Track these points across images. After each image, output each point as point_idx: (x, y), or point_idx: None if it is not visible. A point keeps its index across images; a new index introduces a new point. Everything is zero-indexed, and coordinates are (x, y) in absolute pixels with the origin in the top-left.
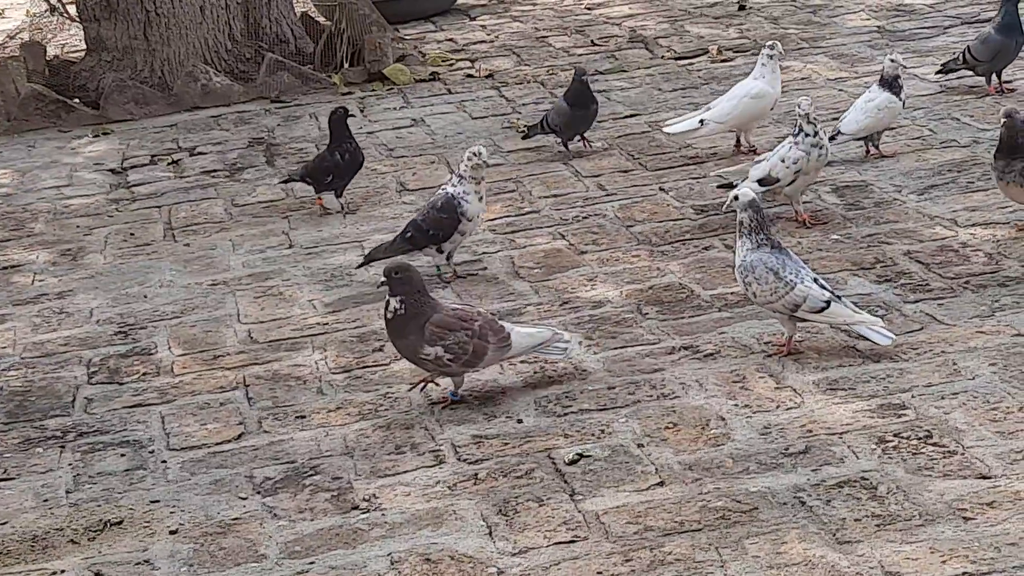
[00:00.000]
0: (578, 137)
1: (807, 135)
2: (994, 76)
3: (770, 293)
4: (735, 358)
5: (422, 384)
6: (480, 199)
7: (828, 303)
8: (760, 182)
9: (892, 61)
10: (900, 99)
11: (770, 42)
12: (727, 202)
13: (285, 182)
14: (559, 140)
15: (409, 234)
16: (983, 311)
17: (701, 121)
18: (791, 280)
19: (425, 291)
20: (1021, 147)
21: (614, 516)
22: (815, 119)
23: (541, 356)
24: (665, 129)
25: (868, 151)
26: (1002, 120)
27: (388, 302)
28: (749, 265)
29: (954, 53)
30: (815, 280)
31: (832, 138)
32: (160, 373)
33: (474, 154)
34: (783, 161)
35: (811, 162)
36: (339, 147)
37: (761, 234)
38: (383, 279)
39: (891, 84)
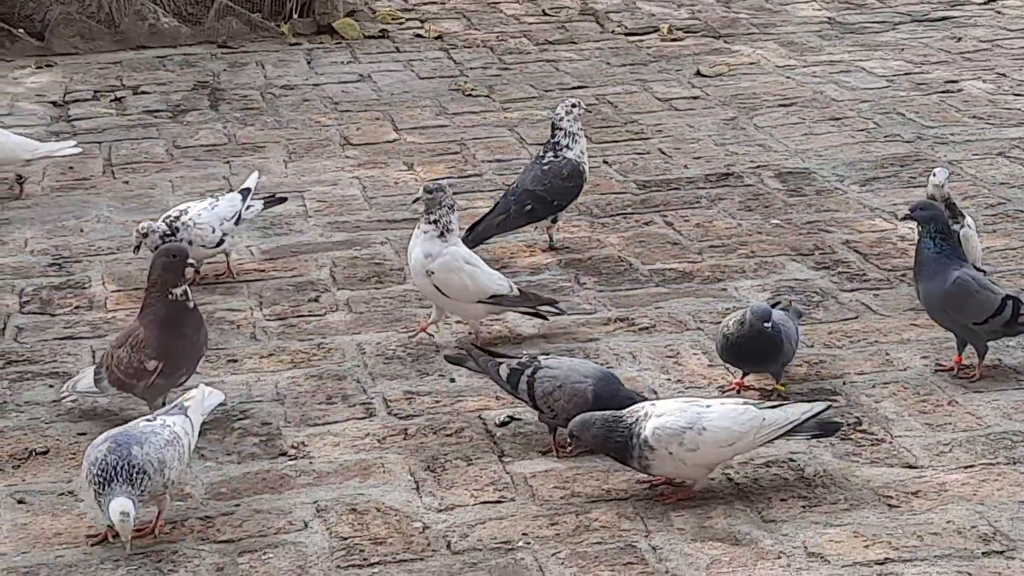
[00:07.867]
0: None
1: None
2: None
3: None
4: (670, 333)
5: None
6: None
7: None
8: None
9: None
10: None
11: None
12: None
13: None
14: None
15: (529, 207)
16: (917, 305)
17: None
18: None
19: None
20: None
21: (542, 480)
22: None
23: None
24: None
25: None
26: None
27: None
28: None
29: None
30: None
31: None
32: (93, 307)
33: (573, 106)
34: None
35: None
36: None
37: None
38: None
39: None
